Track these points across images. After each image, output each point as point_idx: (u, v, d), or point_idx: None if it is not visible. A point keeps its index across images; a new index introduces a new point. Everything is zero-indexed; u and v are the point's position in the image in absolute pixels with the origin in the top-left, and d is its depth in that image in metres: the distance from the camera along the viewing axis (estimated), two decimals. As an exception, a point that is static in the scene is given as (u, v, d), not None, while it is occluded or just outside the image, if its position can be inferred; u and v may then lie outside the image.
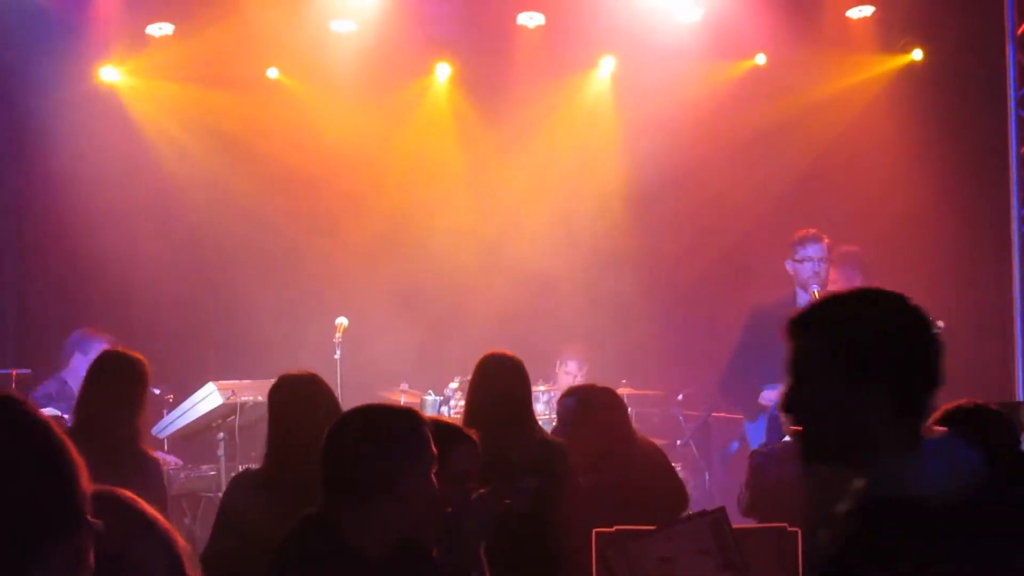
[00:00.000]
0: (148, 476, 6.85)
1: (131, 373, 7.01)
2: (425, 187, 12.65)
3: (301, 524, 4.20)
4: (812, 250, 10.15)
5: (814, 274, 10.13)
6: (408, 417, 4.31)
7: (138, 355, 7.18)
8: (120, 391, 6.92)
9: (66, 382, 9.97)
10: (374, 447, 4.16)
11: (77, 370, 9.70)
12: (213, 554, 6.16)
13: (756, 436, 10.13)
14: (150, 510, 2.81)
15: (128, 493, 2.80)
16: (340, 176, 12.60)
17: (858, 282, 11.09)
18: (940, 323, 9.71)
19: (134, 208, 11.96)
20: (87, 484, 2.37)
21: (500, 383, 6.91)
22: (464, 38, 12.46)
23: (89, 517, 2.35)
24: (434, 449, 4.24)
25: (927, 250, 11.60)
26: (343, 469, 4.18)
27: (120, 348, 9.91)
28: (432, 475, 4.21)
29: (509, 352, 7.15)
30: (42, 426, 2.36)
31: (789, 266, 10.27)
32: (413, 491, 4.13)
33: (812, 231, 10.28)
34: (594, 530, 5.85)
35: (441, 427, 4.66)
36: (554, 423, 7.76)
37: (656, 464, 7.47)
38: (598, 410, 7.27)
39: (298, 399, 6.38)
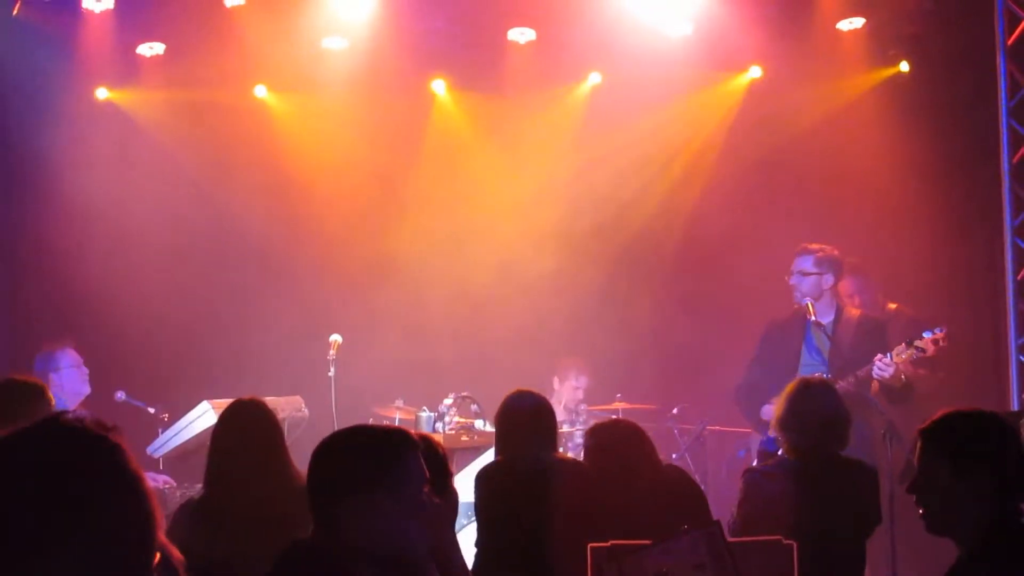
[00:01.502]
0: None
1: None
2: (419, 203, 12.65)
3: (292, 551, 4.16)
4: (795, 264, 10.22)
5: (795, 287, 10.19)
6: (384, 436, 4.26)
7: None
8: None
9: None
10: (348, 467, 4.13)
11: (60, 387, 9.75)
12: None
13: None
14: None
15: None
16: (333, 193, 12.62)
17: (874, 287, 11.13)
18: (918, 343, 9.75)
19: (128, 227, 11.96)
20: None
21: (520, 418, 7.24)
22: (456, 54, 12.47)
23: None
24: (425, 469, 4.21)
25: (919, 261, 11.61)
26: (320, 489, 4.16)
27: (73, 350, 9.98)
28: (420, 494, 4.17)
29: (532, 390, 7.44)
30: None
31: (789, 279, 10.33)
32: (392, 512, 4.09)
33: (803, 245, 10.31)
34: (589, 545, 5.85)
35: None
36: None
37: (681, 486, 7.50)
38: (618, 445, 7.32)
39: (234, 425, 6.41)
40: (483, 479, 7.16)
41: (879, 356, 9.67)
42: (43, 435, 2.38)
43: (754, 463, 10.04)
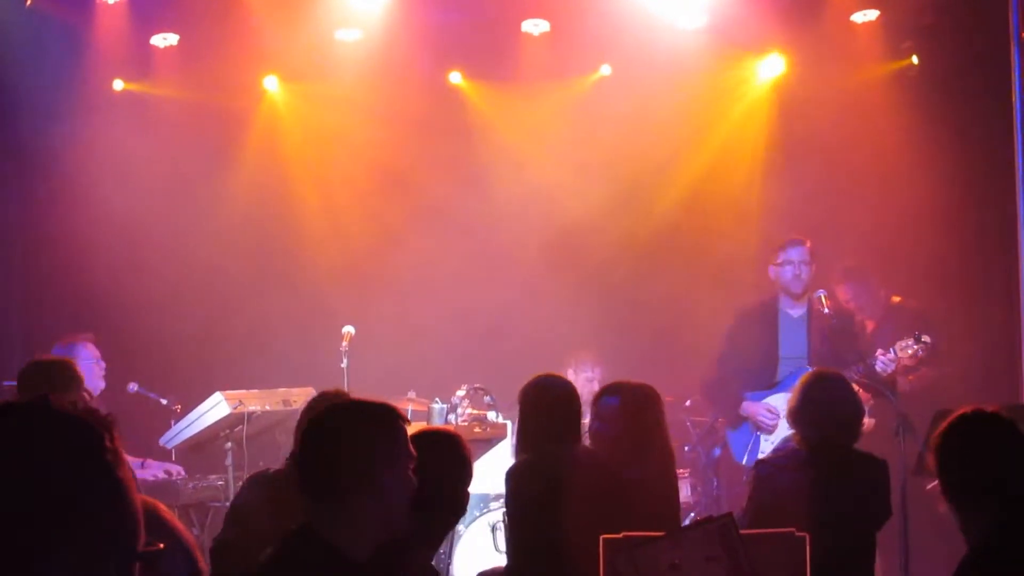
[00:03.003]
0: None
1: None
2: (432, 193, 12.65)
3: (284, 538, 4.08)
4: (793, 253, 10.21)
5: (795, 277, 10.18)
6: (379, 412, 4.23)
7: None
8: None
9: None
10: (350, 447, 4.07)
11: None
12: (219, 544, 6.24)
13: (737, 443, 10.16)
14: (177, 522, 2.82)
15: (158, 504, 2.82)
16: (346, 183, 12.63)
17: (865, 297, 11.10)
18: (926, 338, 9.76)
19: (141, 218, 11.96)
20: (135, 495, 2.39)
21: (554, 407, 7.08)
22: (470, 45, 12.47)
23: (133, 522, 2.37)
24: (411, 447, 4.18)
25: (932, 253, 11.58)
26: (320, 472, 4.08)
27: (93, 344, 10.00)
28: (410, 470, 4.15)
29: (559, 374, 7.34)
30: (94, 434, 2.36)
31: (772, 271, 10.33)
32: (392, 488, 4.06)
33: (795, 236, 10.31)
34: (602, 536, 5.85)
35: None
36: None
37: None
38: (640, 407, 7.30)
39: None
40: (517, 477, 7.01)
41: (881, 351, 9.67)
42: (26, 416, 2.36)
43: (743, 461, 10.07)
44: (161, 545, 2.37)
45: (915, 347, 9.70)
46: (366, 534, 4.04)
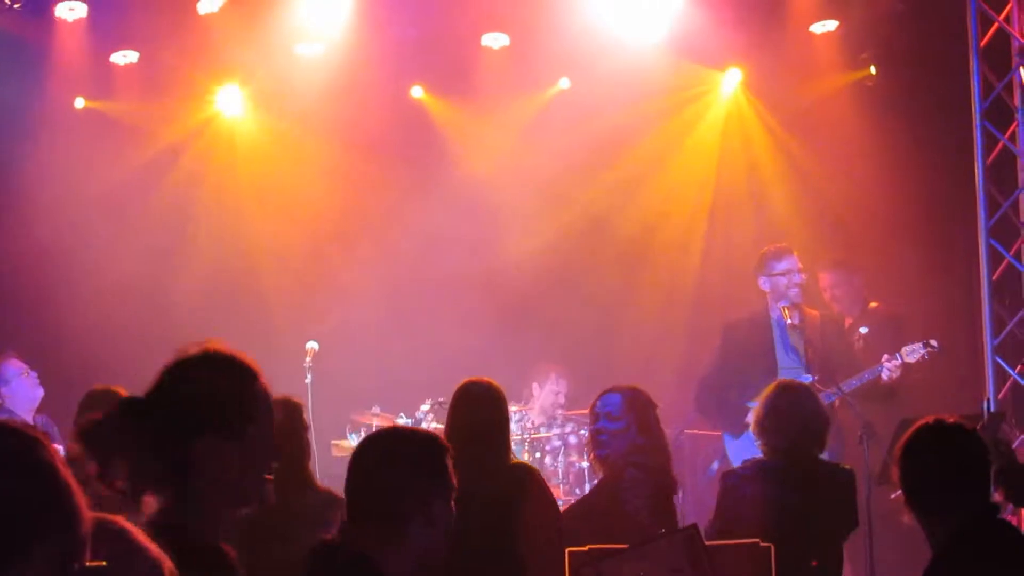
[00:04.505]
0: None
1: None
2: (395, 209, 12.64)
3: (327, 554, 4.13)
4: (788, 262, 10.19)
5: (794, 285, 10.15)
6: (432, 442, 4.28)
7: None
8: None
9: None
10: (408, 473, 4.12)
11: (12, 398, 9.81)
12: None
13: (737, 452, 10.13)
14: (140, 536, 2.81)
15: (119, 520, 2.81)
16: (308, 197, 12.62)
17: (857, 284, 11.16)
18: (934, 343, 9.81)
19: (103, 233, 11.94)
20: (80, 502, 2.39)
21: (478, 410, 6.90)
22: (430, 59, 12.47)
23: (82, 532, 2.38)
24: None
25: (894, 262, 11.62)
26: (376, 497, 4.12)
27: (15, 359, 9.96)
28: (452, 500, 4.20)
29: (487, 379, 7.14)
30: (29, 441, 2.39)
31: (764, 282, 10.28)
32: (440, 516, 4.11)
33: (783, 245, 10.32)
34: (567, 549, 5.85)
35: None
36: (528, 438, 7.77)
37: None
38: (643, 402, 7.43)
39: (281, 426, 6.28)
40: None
41: (886, 357, 9.70)
42: None
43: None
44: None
45: (923, 351, 9.74)
46: (412, 559, 4.09)
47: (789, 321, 9.94)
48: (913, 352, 9.70)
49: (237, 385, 3.79)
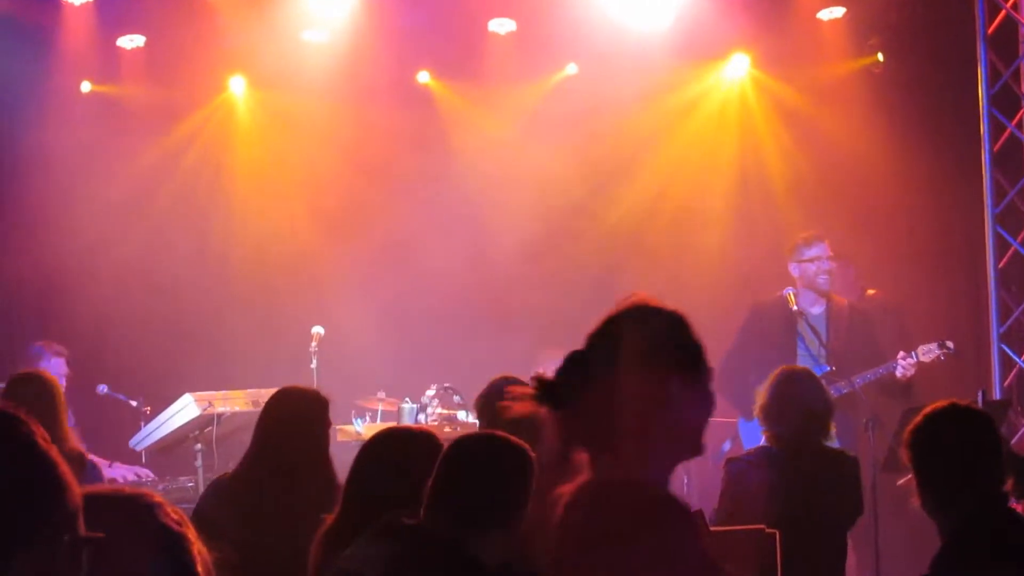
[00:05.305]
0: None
1: None
2: (401, 190, 12.62)
3: (409, 536, 4.28)
4: (819, 249, 10.22)
5: (823, 272, 10.18)
6: (525, 450, 4.42)
7: None
8: None
9: None
10: (522, 481, 4.32)
11: None
12: None
13: (750, 435, 10.13)
14: (168, 512, 2.76)
15: (149, 493, 2.77)
16: (315, 181, 12.60)
17: (840, 281, 11.15)
18: (949, 344, 9.83)
19: (110, 220, 11.94)
20: (74, 495, 2.38)
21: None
22: (437, 45, 12.46)
23: (79, 527, 2.37)
24: None
25: (901, 249, 11.62)
26: (482, 496, 4.31)
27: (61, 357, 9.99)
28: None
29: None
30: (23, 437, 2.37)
31: (794, 268, 10.29)
32: (525, 520, 4.29)
33: (816, 232, 10.34)
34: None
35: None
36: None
37: None
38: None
39: (298, 417, 6.24)
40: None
41: (902, 354, 9.71)
42: None
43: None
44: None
45: (938, 352, 9.75)
46: (502, 556, 4.29)
47: (795, 308, 9.94)
48: (928, 352, 9.72)
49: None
